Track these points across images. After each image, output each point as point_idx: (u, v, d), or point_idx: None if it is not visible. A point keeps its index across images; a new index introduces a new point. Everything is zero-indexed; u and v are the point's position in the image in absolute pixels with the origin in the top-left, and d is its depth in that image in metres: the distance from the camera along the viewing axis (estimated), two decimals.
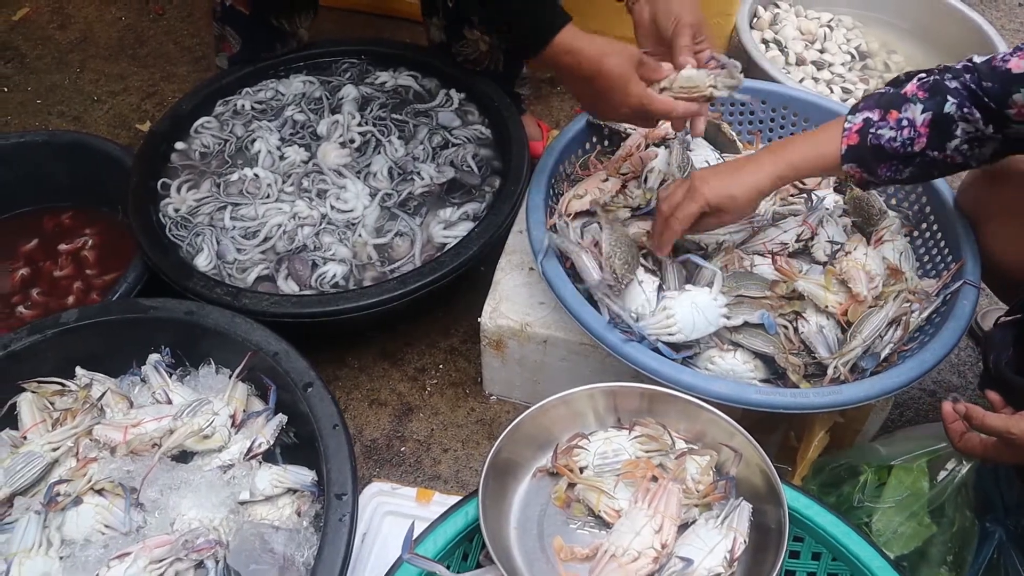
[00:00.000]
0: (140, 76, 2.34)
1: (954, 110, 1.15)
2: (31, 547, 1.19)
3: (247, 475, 1.30)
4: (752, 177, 1.24)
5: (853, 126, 1.20)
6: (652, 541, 1.04)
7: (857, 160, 1.20)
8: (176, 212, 1.65)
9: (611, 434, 1.18)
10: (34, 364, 1.40)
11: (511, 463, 1.15)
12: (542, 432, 1.17)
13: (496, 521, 1.09)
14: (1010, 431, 1.03)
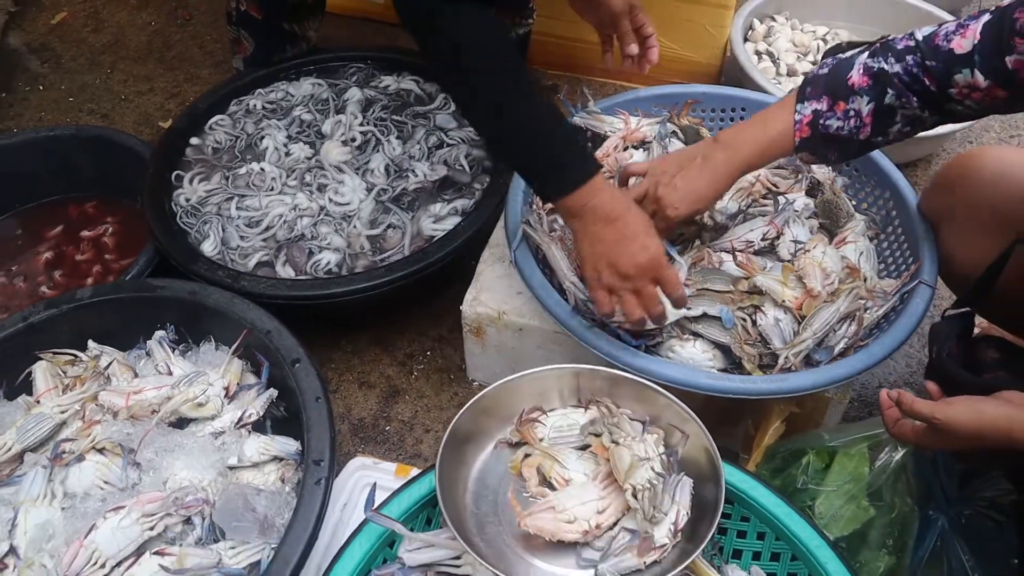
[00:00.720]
0: (166, 78, 2.48)
1: (894, 101, 1.22)
2: (37, 497, 1.31)
3: (236, 442, 1.41)
4: (711, 186, 1.31)
5: (804, 118, 1.27)
6: (590, 516, 1.12)
7: (810, 149, 1.29)
8: (187, 202, 1.78)
9: (568, 411, 1.26)
10: (51, 336, 1.52)
11: (474, 433, 1.24)
12: (506, 406, 1.25)
13: (453, 485, 1.18)
14: (934, 416, 1.07)
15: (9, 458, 1.37)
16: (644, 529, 1.10)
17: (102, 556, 1.23)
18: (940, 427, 1.08)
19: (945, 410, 1.07)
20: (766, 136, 1.29)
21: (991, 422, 1.05)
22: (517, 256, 1.43)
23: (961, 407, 1.07)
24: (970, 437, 1.07)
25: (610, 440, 1.16)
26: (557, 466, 1.18)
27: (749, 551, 1.24)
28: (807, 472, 1.30)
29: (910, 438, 1.15)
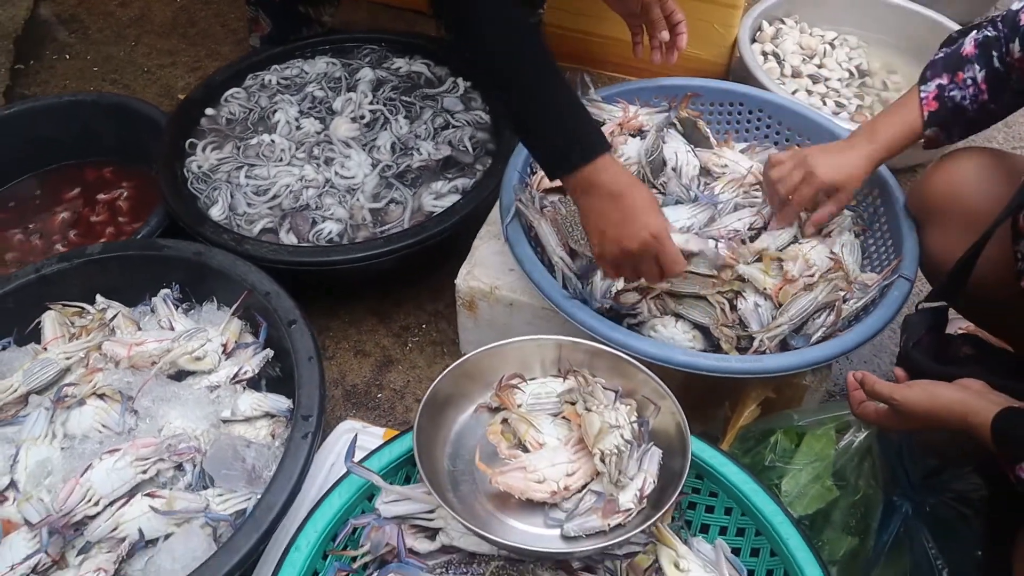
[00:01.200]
0: (188, 53, 2.55)
1: (1000, 66, 1.29)
2: (38, 436, 1.38)
3: (231, 397, 1.47)
4: (856, 159, 1.40)
5: (929, 94, 1.35)
6: (559, 478, 1.17)
7: (939, 123, 1.36)
8: (199, 168, 1.85)
9: (548, 380, 1.31)
10: (61, 288, 1.59)
11: (455, 395, 1.29)
12: (488, 372, 1.30)
13: (431, 443, 1.23)
14: (893, 397, 1.14)
15: (15, 399, 1.44)
16: (609, 492, 1.14)
17: (96, 494, 1.30)
18: (899, 408, 1.15)
19: (904, 392, 1.14)
20: (900, 119, 1.39)
21: (946, 405, 1.11)
22: (509, 232, 1.48)
23: (919, 390, 1.14)
24: (926, 418, 1.13)
25: (583, 407, 1.21)
26: (532, 430, 1.23)
27: (716, 526, 1.29)
28: (775, 451, 1.34)
29: (872, 418, 1.22)
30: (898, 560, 1.34)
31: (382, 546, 1.18)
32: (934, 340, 1.33)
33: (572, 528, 1.13)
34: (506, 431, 1.26)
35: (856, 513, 1.33)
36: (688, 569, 1.16)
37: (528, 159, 1.62)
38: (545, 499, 1.16)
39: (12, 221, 2.00)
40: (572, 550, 1.12)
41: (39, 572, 1.27)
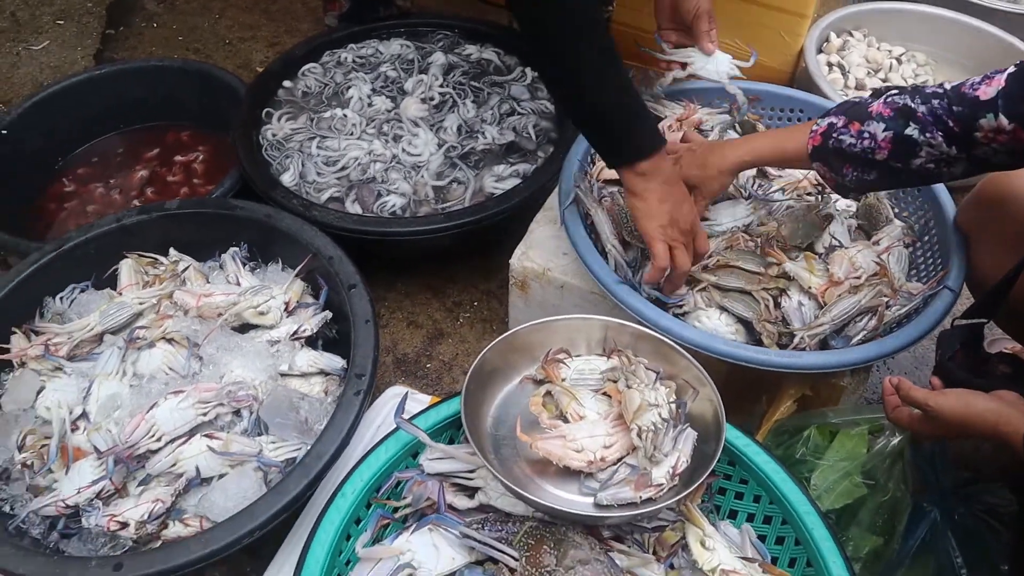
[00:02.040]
0: (268, 28, 2.66)
1: (916, 134, 1.23)
2: (110, 373, 1.47)
3: (289, 352, 1.55)
4: (719, 158, 1.42)
5: (819, 128, 1.33)
6: (597, 449, 1.22)
7: (822, 160, 1.34)
8: (273, 136, 1.94)
9: (592, 358, 1.36)
10: (138, 239, 1.68)
11: (502, 366, 1.35)
12: (536, 346, 1.36)
13: (477, 407, 1.29)
14: (928, 403, 1.16)
15: (91, 337, 1.54)
16: (644, 466, 1.19)
17: (159, 430, 1.39)
18: (932, 414, 1.17)
19: (938, 399, 1.16)
20: (783, 143, 1.39)
21: (979, 414, 1.13)
22: (566, 216, 1.53)
23: (953, 398, 1.16)
24: (959, 426, 1.15)
25: (625, 384, 1.26)
26: (574, 403, 1.29)
27: (744, 512, 1.32)
28: (807, 445, 1.37)
29: (905, 423, 1.24)
30: (923, 565, 1.37)
31: (423, 500, 1.24)
32: (969, 356, 1.35)
33: (605, 497, 1.18)
34: (548, 403, 1.31)
35: (883, 514, 1.35)
36: (714, 548, 1.20)
37: (589, 149, 1.67)
38: (581, 468, 1.21)
39: (95, 176, 2.11)
40: (603, 515, 1.17)
41: (102, 498, 1.36)
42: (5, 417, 1.47)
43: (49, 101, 2.11)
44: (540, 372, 1.34)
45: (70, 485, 1.35)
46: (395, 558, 1.17)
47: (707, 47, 1.60)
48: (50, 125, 2.12)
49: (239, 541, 1.24)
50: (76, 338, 1.53)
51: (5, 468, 1.43)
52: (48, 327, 1.55)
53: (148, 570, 1.21)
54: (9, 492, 1.41)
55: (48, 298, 1.61)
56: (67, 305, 1.61)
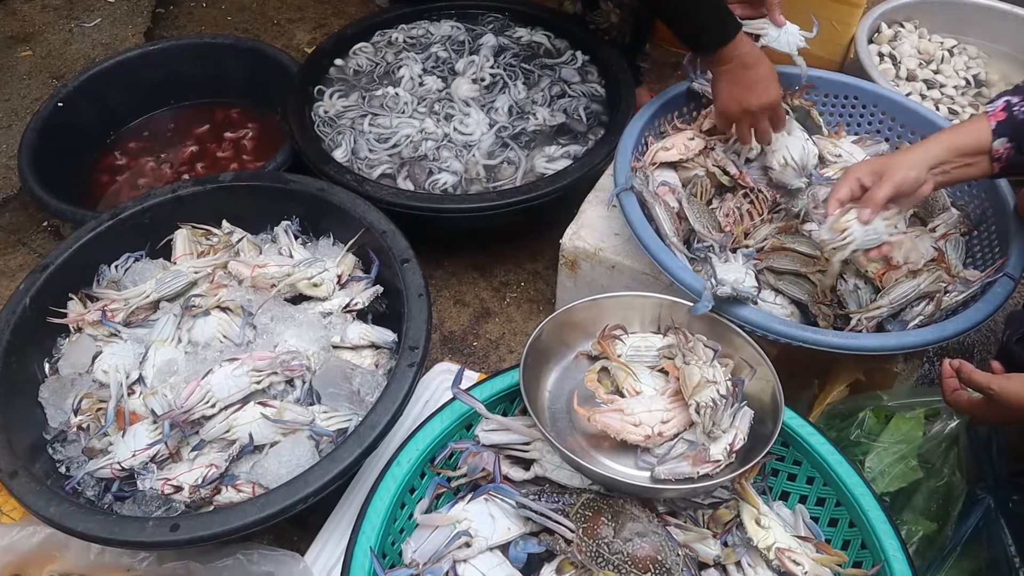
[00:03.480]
0: (316, 9, 2.67)
1: None
2: (166, 339, 1.49)
3: (341, 324, 1.56)
4: (910, 155, 1.34)
5: (996, 107, 1.31)
6: (654, 424, 1.22)
7: (1008, 134, 1.29)
8: (325, 113, 1.95)
9: (648, 335, 1.36)
10: (193, 210, 1.70)
11: (558, 342, 1.35)
12: (591, 323, 1.36)
13: (534, 381, 1.29)
14: (990, 386, 1.13)
15: (147, 304, 1.56)
16: (702, 442, 1.19)
17: (214, 397, 1.40)
18: (994, 398, 1.13)
19: (1001, 382, 1.13)
20: (964, 132, 1.34)
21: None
22: (622, 197, 1.52)
23: (1017, 381, 1.12)
24: (1021, 410, 1.11)
25: (682, 361, 1.26)
26: (631, 378, 1.29)
27: (796, 494, 1.32)
28: (862, 427, 1.36)
29: (964, 407, 1.20)
30: (976, 554, 1.35)
31: (478, 471, 1.25)
32: None
33: (662, 471, 1.18)
34: (604, 379, 1.31)
35: (937, 499, 1.34)
36: (768, 527, 1.20)
37: (642, 132, 1.67)
38: (639, 442, 1.21)
39: (147, 150, 2.14)
40: (660, 487, 1.17)
41: (157, 461, 1.38)
42: (61, 381, 1.49)
43: (102, 76, 2.15)
44: (595, 348, 1.34)
45: (125, 448, 1.37)
46: (451, 526, 1.17)
47: (779, 19, 1.64)
48: (103, 100, 2.15)
49: (293, 507, 1.25)
50: (132, 304, 1.54)
51: (61, 430, 1.45)
52: (105, 293, 1.57)
53: (204, 532, 1.22)
54: (65, 454, 1.43)
55: (104, 266, 1.63)
56: (122, 273, 1.63)
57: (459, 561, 1.15)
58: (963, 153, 1.32)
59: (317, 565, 1.37)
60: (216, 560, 1.33)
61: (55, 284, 1.55)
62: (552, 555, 1.17)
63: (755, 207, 1.55)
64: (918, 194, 1.33)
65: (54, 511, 1.25)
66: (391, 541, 1.22)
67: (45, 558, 1.39)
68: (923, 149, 1.33)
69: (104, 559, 1.36)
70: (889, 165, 1.33)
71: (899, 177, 1.30)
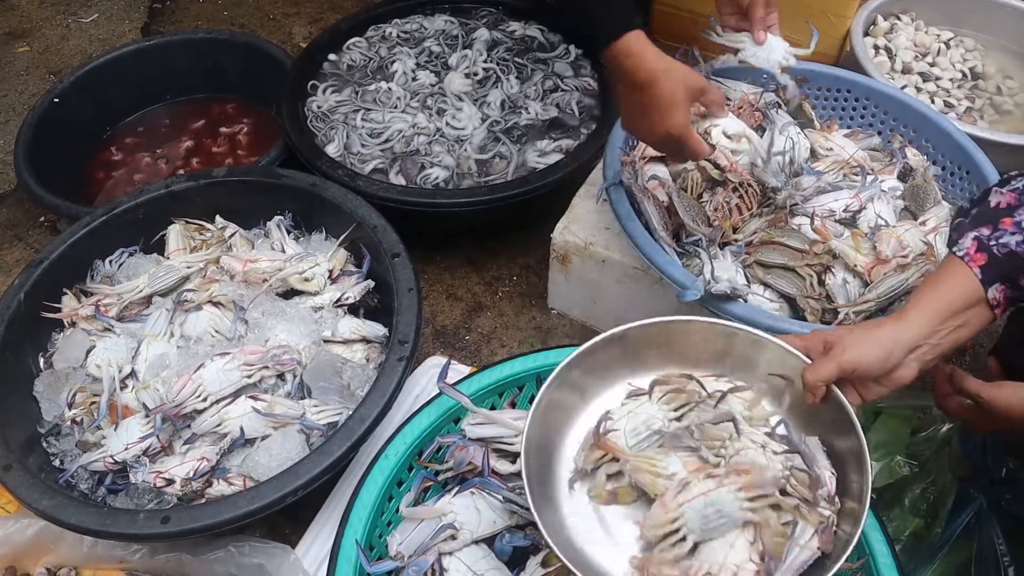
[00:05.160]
0: (312, 4, 2.68)
1: None
2: (159, 334, 1.50)
3: (333, 319, 1.57)
4: (896, 333, 1.07)
5: (967, 251, 1.08)
6: (742, 562, 0.95)
7: (1000, 278, 1.06)
8: (318, 108, 1.96)
9: (632, 406, 1.11)
10: (186, 205, 1.71)
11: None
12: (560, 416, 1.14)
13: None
14: (981, 395, 1.09)
15: (140, 299, 1.57)
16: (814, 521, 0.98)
17: (206, 391, 1.41)
18: (984, 406, 1.10)
19: (992, 391, 1.09)
20: (932, 293, 1.10)
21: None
22: (611, 192, 1.53)
23: (1008, 391, 1.09)
24: (1012, 420, 1.09)
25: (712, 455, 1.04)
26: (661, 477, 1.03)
27: None
28: None
29: (955, 413, 1.17)
30: (964, 550, 1.35)
31: (464, 464, 1.26)
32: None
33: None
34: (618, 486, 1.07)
35: (927, 497, 1.34)
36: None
37: None
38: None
39: (142, 145, 2.15)
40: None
41: (149, 455, 1.39)
42: (56, 375, 1.50)
43: (99, 72, 2.15)
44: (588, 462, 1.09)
45: (118, 441, 1.38)
46: (437, 519, 1.18)
47: (758, 35, 1.54)
48: (99, 95, 2.16)
49: (283, 499, 1.26)
50: (125, 299, 1.56)
51: (55, 424, 1.46)
52: (98, 288, 1.58)
53: (194, 524, 1.23)
54: (59, 447, 1.45)
55: (98, 261, 1.64)
56: (116, 268, 1.64)
57: (444, 554, 1.16)
58: (952, 315, 1.07)
59: (308, 557, 1.38)
60: (208, 552, 1.35)
61: (50, 279, 1.56)
62: (538, 548, 1.18)
63: (744, 201, 1.55)
64: (892, 382, 1.08)
65: (47, 504, 1.27)
66: (378, 534, 1.23)
67: (40, 550, 1.40)
68: (903, 324, 1.07)
69: (97, 551, 1.38)
70: (844, 340, 1.07)
71: (852, 357, 1.04)
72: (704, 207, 1.57)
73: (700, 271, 1.42)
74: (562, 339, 1.79)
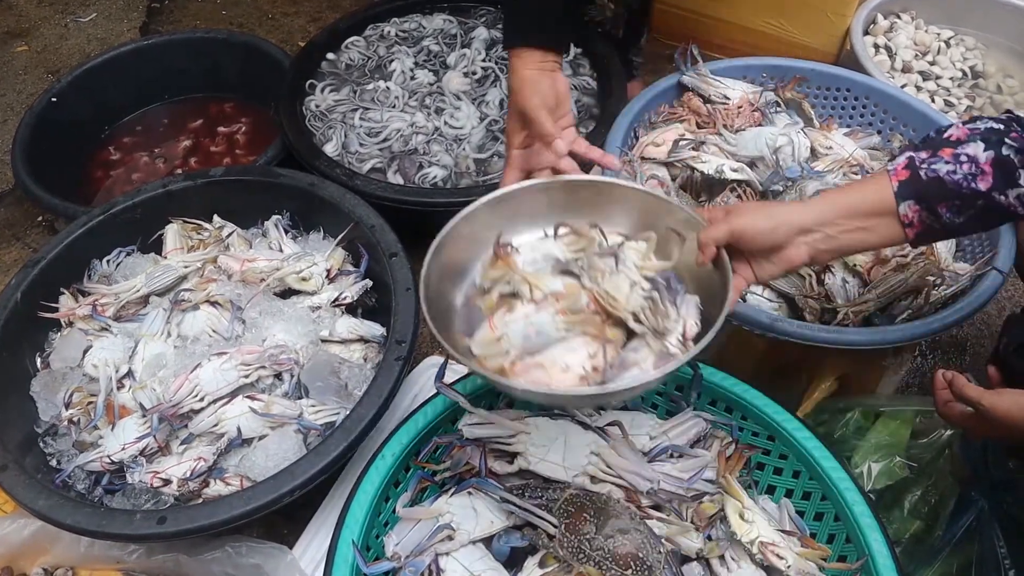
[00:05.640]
0: (311, 3, 2.68)
1: (1013, 155, 1.02)
2: (155, 333, 1.50)
3: (330, 318, 1.56)
4: (790, 213, 1.11)
5: (898, 166, 1.08)
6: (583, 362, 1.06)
7: (915, 196, 1.06)
8: (316, 107, 1.96)
9: (537, 243, 1.20)
10: (184, 204, 1.70)
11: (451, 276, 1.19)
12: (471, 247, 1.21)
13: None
14: (981, 402, 1.09)
15: (137, 299, 1.57)
16: (658, 348, 1.06)
17: (203, 391, 1.40)
18: (985, 414, 1.10)
19: (992, 398, 1.09)
20: (851, 187, 1.14)
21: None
22: None
23: (1008, 399, 1.09)
24: (1012, 428, 1.09)
25: (590, 281, 1.13)
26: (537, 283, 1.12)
27: (782, 488, 1.32)
28: (848, 426, 1.37)
29: (956, 420, 1.18)
30: (965, 552, 1.34)
31: (462, 464, 1.25)
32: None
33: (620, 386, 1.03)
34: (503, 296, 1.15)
35: (927, 500, 1.34)
36: (752, 521, 1.19)
37: (631, 126, 1.67)
38: (578, 383, 1.07)
39: (140, 145, 2.15)
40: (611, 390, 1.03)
41: (146, 455, 1.39)
42: (53, 375, 1.50)
43: (97, 71, 2.15)
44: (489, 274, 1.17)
45: (115, 442, 1.38)
46: (434, 519, 1.18)
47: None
48: (97, 95, 2.16)
49: (280, 500, 1.26)
50: (122, 299, 1.55)
51: (52, 424, 1.46)
52: (95, 288, 1.57)
53: (191, 524, 1.23)
54: (56, 447, 1.45)
55: (95, 260, 1.64)
56: (113, 268, 1.64)
57: (441, 554, 1.16)
58: (854, 215, 1.09)
59: (305, 558, 1.38)
60: (205, 552, 1.34)
61: (47, 279, 1.56)
62: (535, 548, 1.18)
63: (742, 201, 1.55)
64: (781, 261, 1.11)
65: (43, 504, 1.26)
66: (375, 534, 1.23)
67: (36, 551, 1.40)
68: (801, 206, 1.12)
69: (94, 552, 1.38)
70: (741, 209, 1.12)
71: (742, 223, 1.09)
72: (703, 207, 1.57)
73: None
74: None
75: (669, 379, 1.33)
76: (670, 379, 1.34)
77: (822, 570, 1.17)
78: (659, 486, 1.18)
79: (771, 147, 1.61)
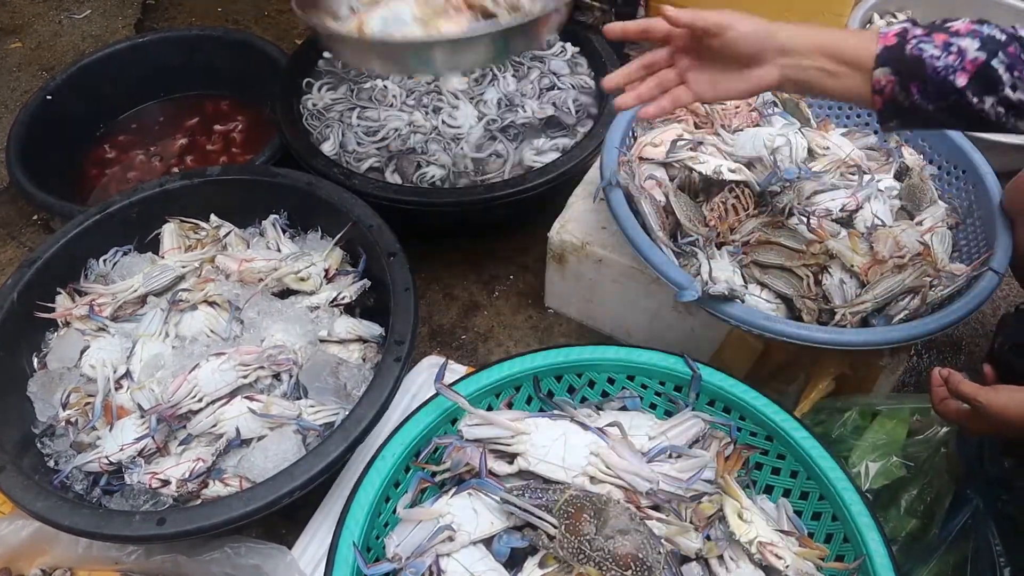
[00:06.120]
0: None
1: (1002, 70, 1.04)
2: (153, 334, 1.49)
3: (329, 318, 1.56)
4: (778, 29, 1.12)
5: (890, 32, 1.09)
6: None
7: (892, 65, 1.07)
8: (314, 106, 1.95)
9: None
10: (181, 204, 1.70)
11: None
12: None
13: None
14: (977, 398, 1.11)
15: (134, 299, 1.56)
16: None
17: (201, 391, 1.40)
18: (981, 410, 1.12)
19: (988, 394, 1.11)
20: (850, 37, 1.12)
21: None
22: (608, 191, 1.52)
23: (1005, 395, 1.11)
24: (1008, 424, 1.10)
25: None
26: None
27: (780, 487, 1.32)
28: (846, 426, 1.37)
29: (952, 417, 1.19)
30: (960, 550, 1.35)
31: (462, 465, 1.25)
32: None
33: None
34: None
35: (923, 498, 1.34)
36: (751, 521, 1.20)
37: (629, 125, 1.67)
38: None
39: (136, 143, 2.14)
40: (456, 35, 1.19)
41: (144, 456, 1.39)
42: (50, 375, 1.49)
43: (92, 68, 2.14)
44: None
45: (113, 442, 1.37)
46: (435, 520, 1.18)
47: None
48: (92, 92, 2.15)
49: (279, 501, 1.25)
50: (120, 299, 1.55)
51: (50, 424, 1.46)
52: (93, 288, 1.57)
53: (190, 526, 1.22)
54: (53, 448, 1.44)
55: (92, 260, 1.63)
56: (110, 267, 1.63)
57: (442, 555, 1.16)
58: (828, 55, 1.10)
59: (304, 558, 1.38)
60: (204, 553, 1.34)
61: (43, 278, 1.55)
62: (535, 549, 1.18)
63: (740, 202, 1.55)
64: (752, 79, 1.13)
65: (41, 505, 1.26)
66: (375, 535, 1.23)
67: (35, 552, 1.40)
68: (785, 27, 1.12)
69: (92, 553, 1.37)
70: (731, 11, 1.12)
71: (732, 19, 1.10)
72: (701, 207, 1.57)
73: (697, 271, 1.42)
74: (559, 338, 1.79)
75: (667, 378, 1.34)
76: (669, 379, 1.34)
77: (820, 569, 1.17)
78: (658, 486, 1.19)
79: (769, 147, 1.62)
